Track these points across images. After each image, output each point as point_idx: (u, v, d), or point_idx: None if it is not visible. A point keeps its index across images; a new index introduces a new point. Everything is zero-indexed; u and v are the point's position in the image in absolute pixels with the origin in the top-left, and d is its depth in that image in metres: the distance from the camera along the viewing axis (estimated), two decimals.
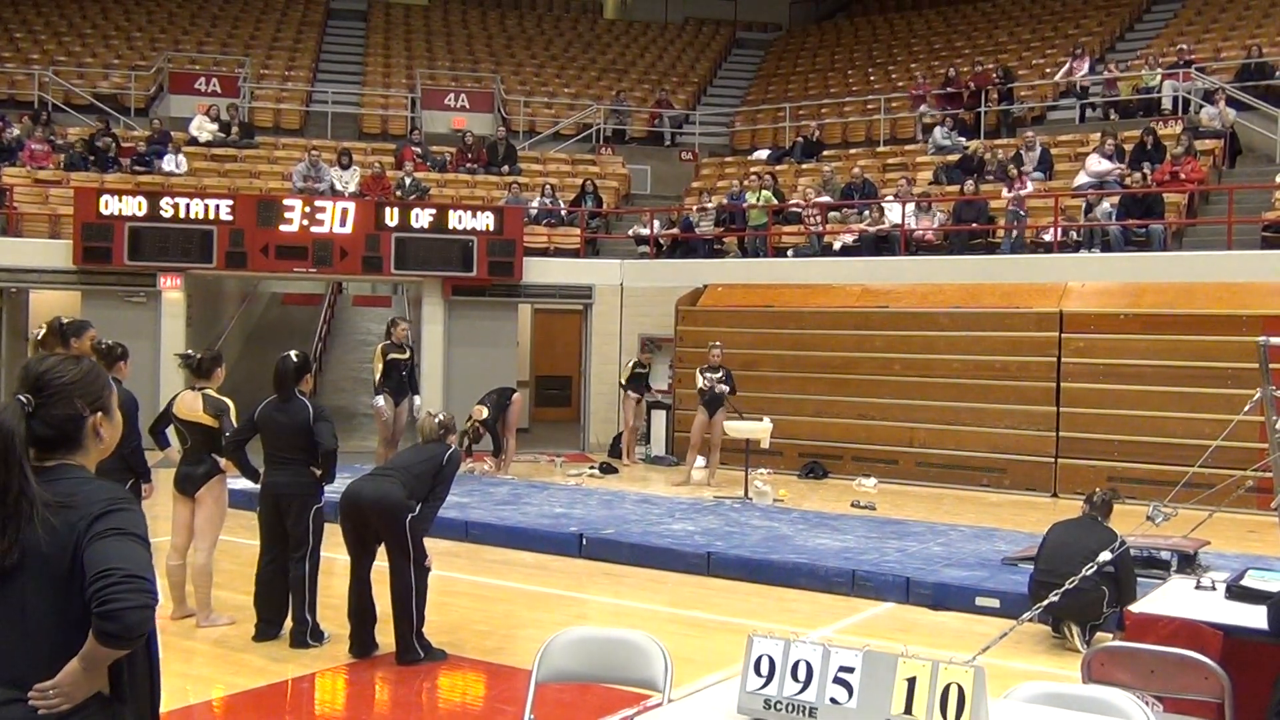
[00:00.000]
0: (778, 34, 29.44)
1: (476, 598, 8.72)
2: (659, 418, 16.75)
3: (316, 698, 6.58)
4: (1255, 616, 4.41)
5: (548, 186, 19.63)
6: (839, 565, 9.20)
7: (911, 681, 3.05)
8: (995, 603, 8.26)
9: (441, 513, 7.30)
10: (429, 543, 7.02)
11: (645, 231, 19.10)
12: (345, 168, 19.21)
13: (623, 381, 16.24)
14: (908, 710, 3.02)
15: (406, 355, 13.90)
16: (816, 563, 9.31)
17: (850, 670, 3.13)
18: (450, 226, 17.20)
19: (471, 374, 16.74)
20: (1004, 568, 9.11)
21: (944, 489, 14.28)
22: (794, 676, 3.19)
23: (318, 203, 17.07)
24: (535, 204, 19.26)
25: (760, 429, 13.31)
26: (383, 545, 6.88)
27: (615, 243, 19.74)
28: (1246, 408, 6.54)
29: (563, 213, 19.41)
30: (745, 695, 3.24)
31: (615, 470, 15.33)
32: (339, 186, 18.76)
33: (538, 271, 17.88)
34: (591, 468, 15.22)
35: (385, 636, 6.94)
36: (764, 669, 3.23)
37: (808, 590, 8.99)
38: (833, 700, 3.12)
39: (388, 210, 17.16)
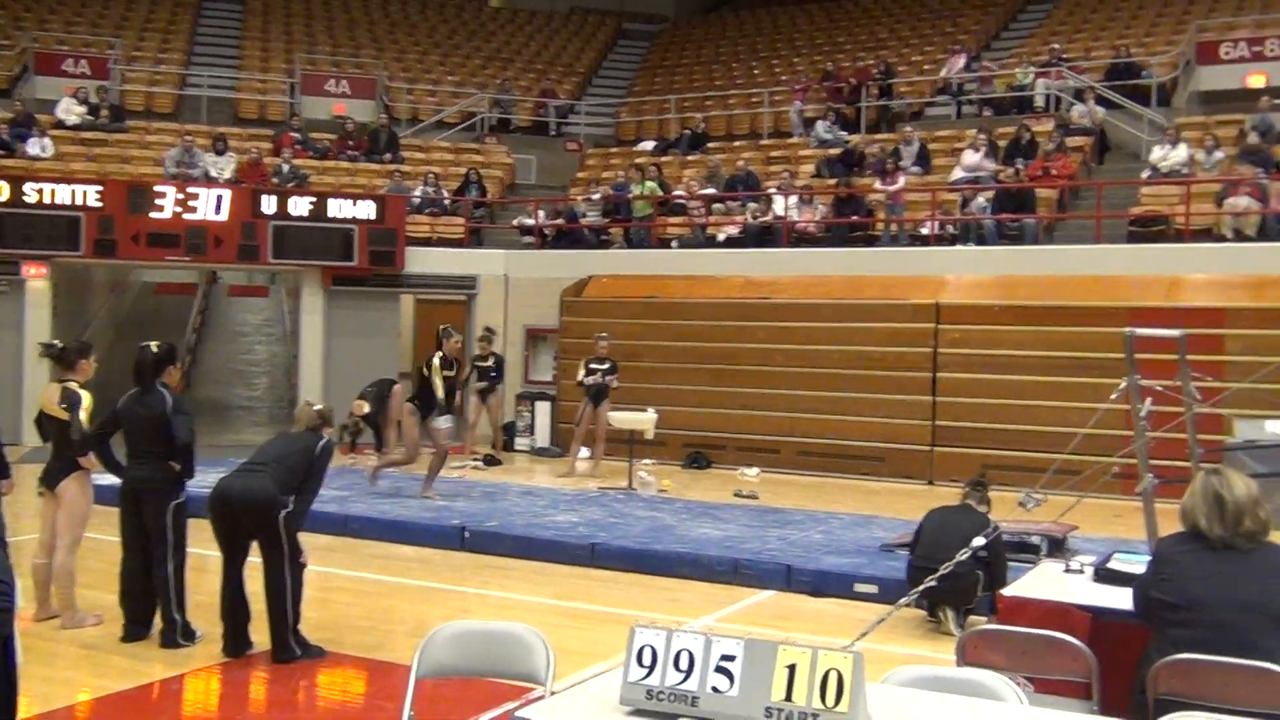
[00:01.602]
0: (663, 26, 29.52)
1: (355, 593, 8.57)
2: (543, 409, 16.68)
3: (187, 699, 6.38)
4: (1121, 598, 4.53)
5: (431, 175, 19.38)
6: (721, 554, 9.26)
7: (792, 668, 3.06)
8: (874, 589, 8.40)
9: (320, 506, 7.15)
10: (306, 537, 6.86)
11: (530, 222, 18.98)
12: (221, 154, 18.70)
13: (465, 377, 15.58)
14: (788, 697, 3.03)
15: (454, 372, 12.51)
16: (699, 552, 9.36)
17: (731, 659, 3.13)
18: (330, 215, 16.88)
19: (352, 365, 16.45)
20: (882, 554, 9.28)
21: (825, 477, 14.49)
22: (676, 666, 3.18)
23: (191, 189, 16.60)
24: (418, 193, 19.00)
25: (644, 420, 13.33)
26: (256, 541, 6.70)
27: (500, 233, 19.59)
28: (1113, 396, 6.74)
29: (446, 202, 19.18)
30: (628, 686, 3.22)
31: (499, 462, 15.22)
32: (214, 173, 18.25)
33: (420, 261, 17.65)
34: (475, 460, 15.08)
35: (261, 635, 6.76)
36: (646, 659, 3.21)
37: (691, 579, 9.03)
38: (714, 689, 3.12)
39: (265, 198, 16.76)
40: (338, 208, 16.95)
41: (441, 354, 12.21)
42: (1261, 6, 20.87)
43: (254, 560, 6.75)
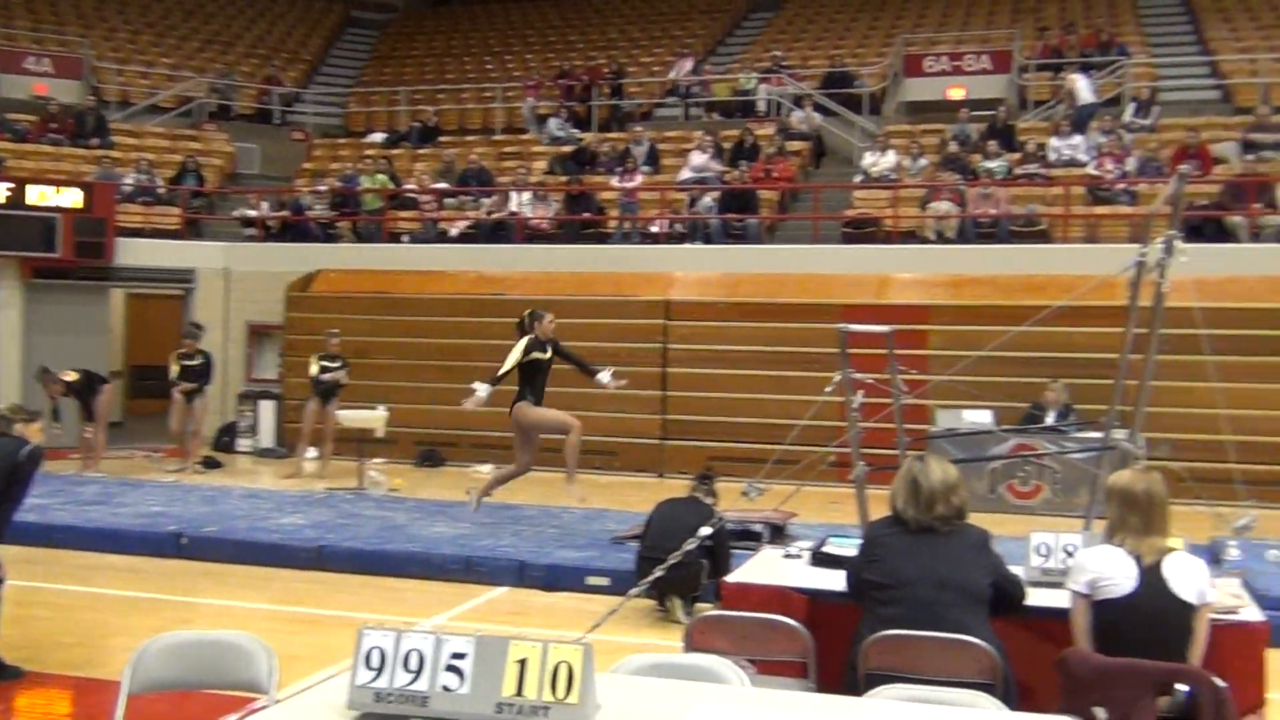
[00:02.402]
0: (392, 15, 28.95)
1: (59, 608, 8.00)
2: (267, 408, 16.07)
3: None
4: (836, 580, 4.77)
5: (144, 162, 18.33)
6: (454, 552, 9.21)
7: (523, 663, 3.07)
8: (606, 580, 8.53)
9: (18, 516, 6.63)
10: (2, 550, 6.35)
11: (253, 213, 18.25)
12: None
13: (173, 378, 14.26)
14: (519, 692, 3.04)
15: (549, 355, 10.69)
16: (432, 551, 9.28)
17: (462, 656, 3.11)
18: (30, 202, 15.69)
19: (56, 364, 15.30)
20: (613, 546, 9.43)
21: (558, 472, 14.52)
22: (406, 667, 3.13)
23: None
24: (129, 180, 17.93)
25: (374, 418, 13.07)
26: None
27: (220, 224, 18.75)
28: (828, 388, 7.10)
29: (160, 191, 18.18)
30: (355, 689, 3.15)
31: (219, 465, 14.56)
32: None
33: (132, 253, 16.65)
34: (195, 463, 14.36)
35: None
36: (375, 661, 3.15)
37: (423, 579, 8.92)
38: (445, 688, 3.09)
39: None
40: (38, 194, 15.77)
41: (532, 336, 10.41)
42: (961, 24, 22.44)
43: None
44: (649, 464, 14.54)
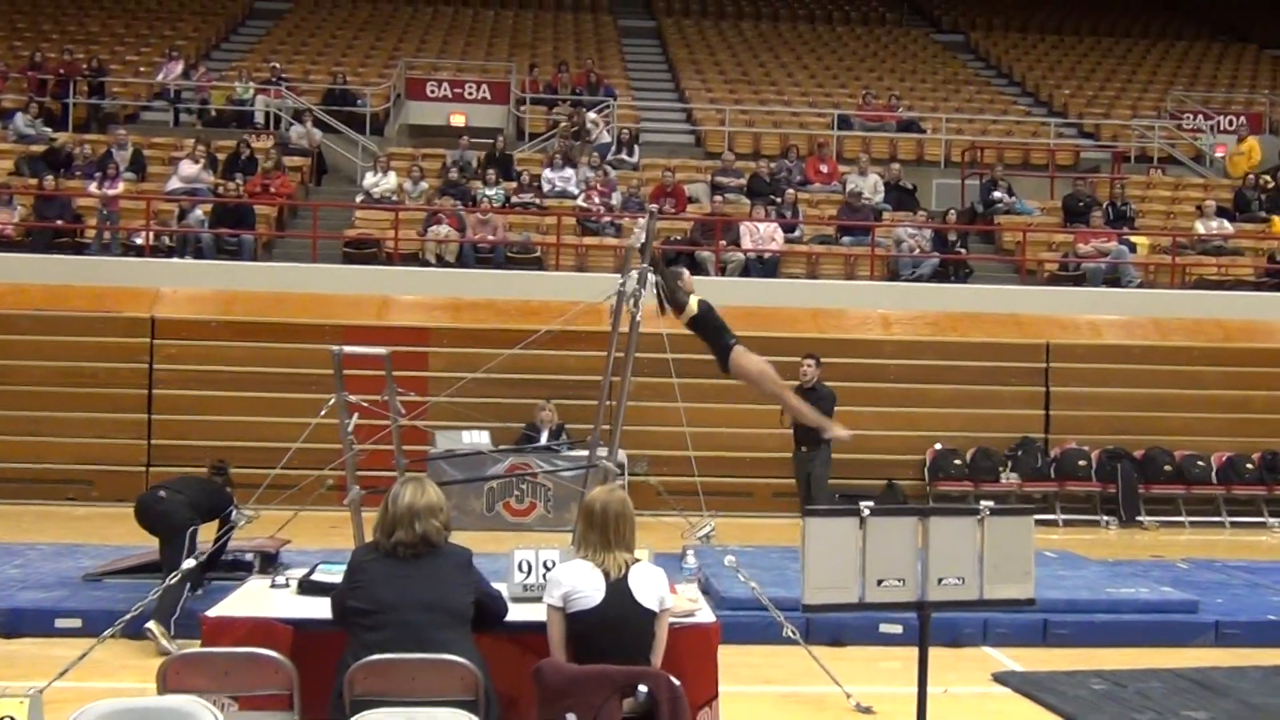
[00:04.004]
0: None
1: None
2: None
3: None
4: (323, 609, 4.71)
5: None
6: None
7: None
8: (77, 623, 7.85)
9: None
10: None
11: None
12: None
13: None
14: None
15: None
16: None
17: None
18: None
19: None
20: (87, 585, 8.71)
21: (24, 505, 13.25)
22: None
23: None
24: None
25: None
26: None
27: None
28: (322, 411, 7.03)
29: None
30: None
31: None
32: None
33: None
34: None
35: None
36: None
37: None
38: None
39: None
40: None
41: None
42: (461, 54, 23.05)
43: None
44: (132, 493, 13.46)
